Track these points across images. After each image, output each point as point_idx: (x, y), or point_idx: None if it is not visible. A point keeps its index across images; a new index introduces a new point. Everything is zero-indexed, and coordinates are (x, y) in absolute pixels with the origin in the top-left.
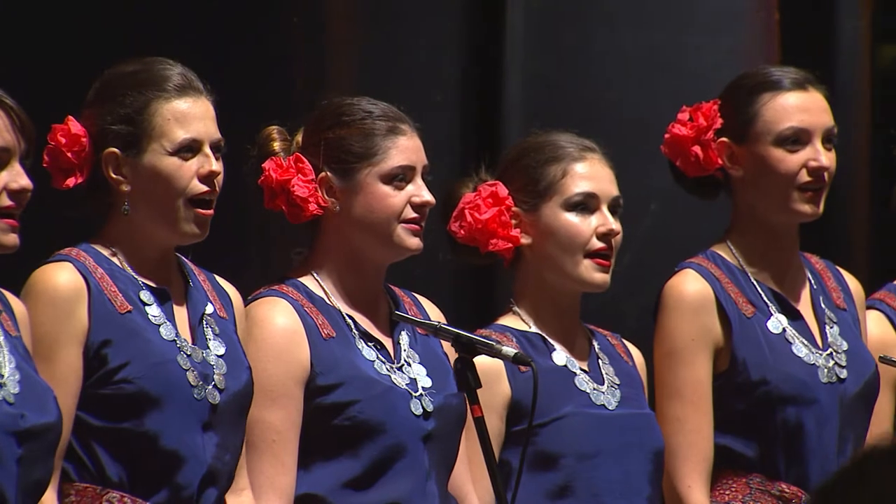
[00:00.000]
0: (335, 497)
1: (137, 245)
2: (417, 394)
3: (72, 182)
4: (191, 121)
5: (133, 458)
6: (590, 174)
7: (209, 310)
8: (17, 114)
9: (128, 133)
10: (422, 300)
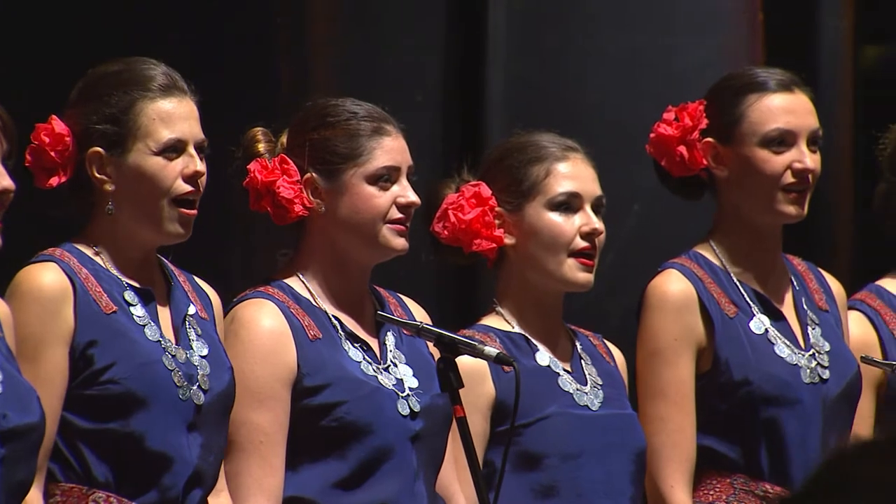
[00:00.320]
0: (323, 498)
1: (121, 245)
2: (404, 394)
3: (55, 181)
4: (176, 121)
5: (119, 459)
6: (573, 174)
7: (191, 310)
8: None
9: (112, 133)
10: (407, 301)
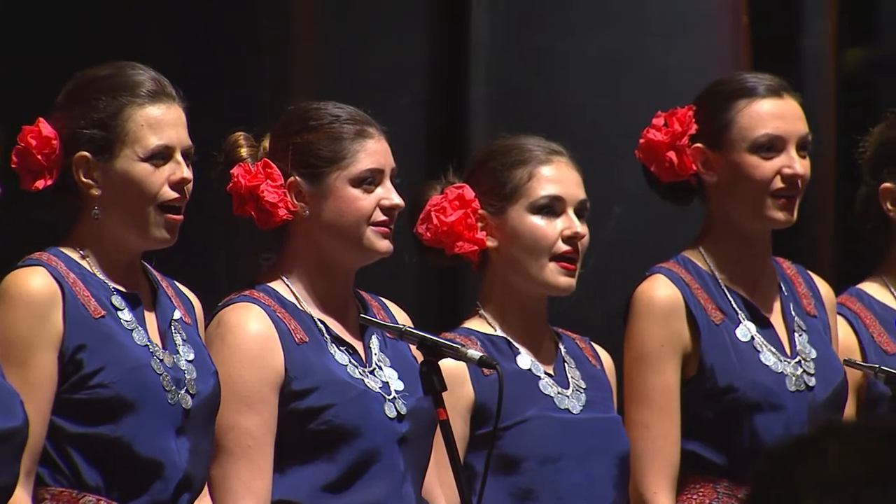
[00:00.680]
0: (311, 501)
1: (107, 249)
2: (391, 397)
3: (41, 184)
4: (164, 127)
5: (109, 463)
6: (556, 177)
7: (176, 315)
8: None
9: (100, 138)
10: (389, 304)
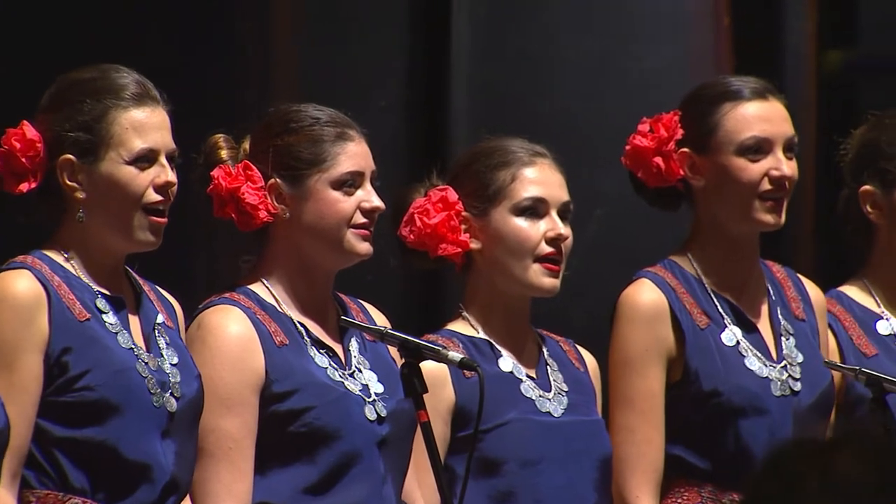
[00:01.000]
0: (292, 503)
1: (92, 252)
2: (370, 399)
3: (25, 187)
4: (148, 131)
5: (95, 466)
6: (539, 179)
7: (159, 319)
8: None
9: (85, 140)
10: (368, 307)
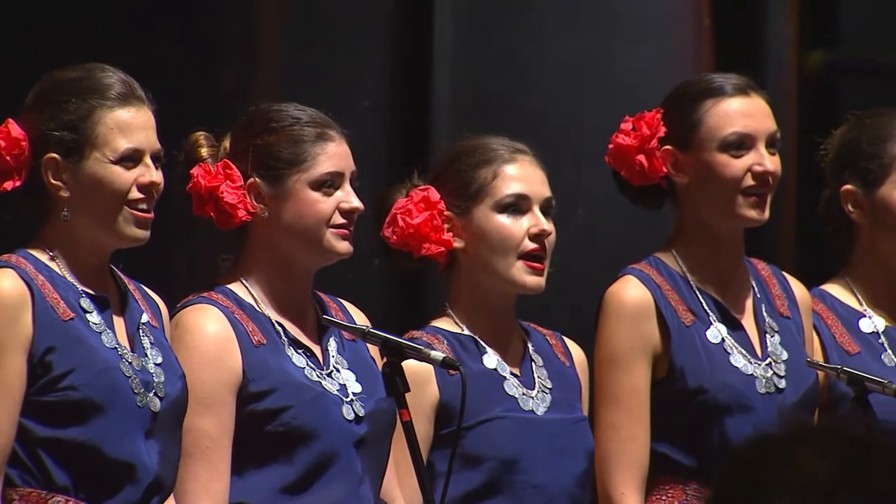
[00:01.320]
0: (269, 503)
1: (77, 251)
2: (348, 399)
3: (9, 186)
4: (133, 130)
5: (78, 465)
6: (521, 175)
7: (144, 318)
8: None
9: (70, 140)
10: (348, 306)
